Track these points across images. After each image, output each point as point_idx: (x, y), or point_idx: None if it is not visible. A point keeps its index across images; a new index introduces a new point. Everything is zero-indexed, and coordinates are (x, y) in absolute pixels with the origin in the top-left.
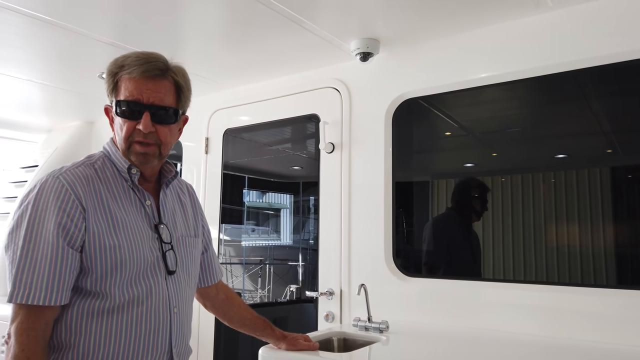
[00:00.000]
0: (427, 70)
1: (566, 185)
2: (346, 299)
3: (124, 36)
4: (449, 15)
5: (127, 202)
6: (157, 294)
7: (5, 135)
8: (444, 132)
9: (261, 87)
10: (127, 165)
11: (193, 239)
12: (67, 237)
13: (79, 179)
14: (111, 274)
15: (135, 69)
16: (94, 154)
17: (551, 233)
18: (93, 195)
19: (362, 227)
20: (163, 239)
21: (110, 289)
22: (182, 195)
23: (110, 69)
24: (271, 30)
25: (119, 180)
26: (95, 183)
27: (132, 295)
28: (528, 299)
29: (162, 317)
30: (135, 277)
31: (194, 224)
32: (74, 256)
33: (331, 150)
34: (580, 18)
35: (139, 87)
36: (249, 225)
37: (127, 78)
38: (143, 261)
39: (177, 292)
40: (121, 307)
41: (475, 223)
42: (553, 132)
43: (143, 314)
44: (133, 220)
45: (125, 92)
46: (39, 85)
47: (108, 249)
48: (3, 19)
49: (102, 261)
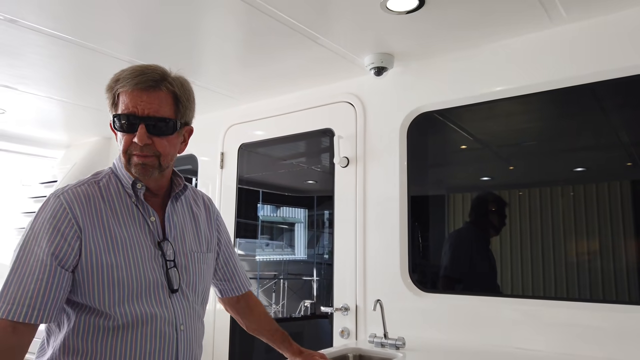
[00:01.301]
0: (441, 84)
1: (585, 199)
2: (362, 314)
3: (142, 54)
4: (462, 29)
5: (130, 220)
6: (161, 313)
7: (25, 151)
8: (460, 146)
9: (276, 102)
10: (132, 180)
11: (204, 255)
12: (59, 257)
13: (78, 198)
14: (109, 293)
15: (129, 82)
16: (101, 171)
17: (571, 248)
18: (92, 215)
19: (377, 242)
20: (167, 256)
21: (112, 308)
22: (196, 207)
23: (108, 84)
24: (286, 46)
25: (122, 197)
26: (96, 202)
27: (135, 314)
28: (548, 316)
29: (168, 335)
30: (137, 296)
31: (208, 237)
32: (63, 275)
33: (346, 165)
34: (595, 31)
35: (133, 99)
36: (263, 240)
37: (123, 91)
38: (144, 280)
39: (184, 309)
40: (125, 326)
41: (493, 238)
42: (571, 145)
43: (148, 333)
44: (135, 238)
45: (122, 106)
46: (59, 102)
47: (105, 268)
48: (26, 39)
49: (100, 280)
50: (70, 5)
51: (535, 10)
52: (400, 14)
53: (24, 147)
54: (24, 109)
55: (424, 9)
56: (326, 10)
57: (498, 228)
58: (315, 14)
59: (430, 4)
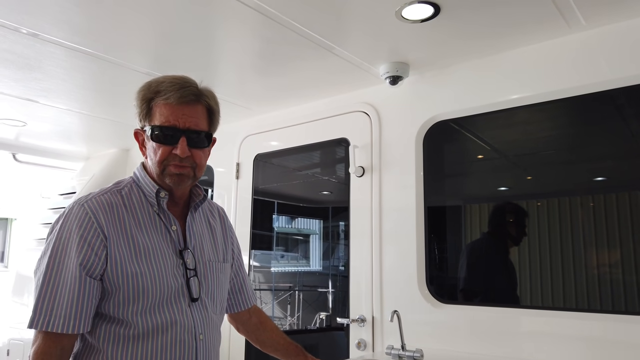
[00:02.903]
0: (457, 93)
1: (606, 210)
2: (378, 326)
3: (160, 66)
4: (478, 37)
5: (152, 229)
6: (181, 321)
7: (45, 163)
8: (477, 155)
9: (291, 113)
10: (156, 189)
11: (221, 264)
12: (88, 266)
13: (102, 206)
14: (133, 302)
15: (172, 95)
16: (123, 180)
17: (592, 259)
18: (116, 223)
19: (393, 252)
20: (187, 265)
21: (133, 317)
22: (212, 218)
23: (143, 94)
24: (301, 56)
25: (144, 206)
26: (119, 210)
27: (155, 323)
28: (568, 328)
29: (188, 344)
30: (158, 305)
31: (224, 248)
32: (93, 285)
33: (361, 174)
34: (615, 37)
35: (175, 112)
36: (278, 251)
37: (163, 104)
38: (166, 288)
39: (203, 318)
40: (145, 335)
41: (512, 249)
42: (590, 154)
43: (168, 342)
44: (157, 246)
45: (161, 118)
46: (78, 115)
47: (130, 276)
48: (47, 52)
49: (124, 289)
50: (90, 19)
51: (552, 17)
52: (415, 22)
53: (43, 159)
54: (44, 122)
55: (439, 17)
56: (341, 20)
57: (517, 238)
58: (330, 24)
59: (445, 12)
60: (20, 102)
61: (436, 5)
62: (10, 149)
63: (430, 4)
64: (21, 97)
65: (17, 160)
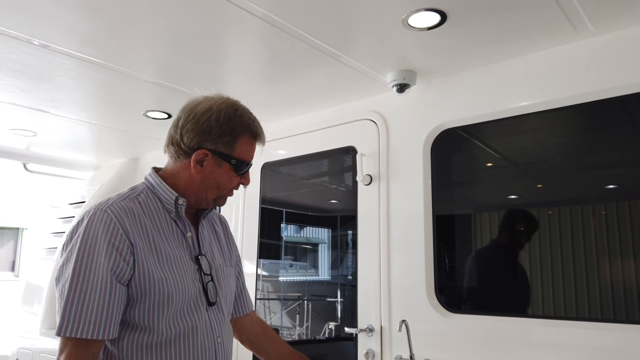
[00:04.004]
0: (465, 100)
1: (618, 218)
2: (387, 335)
3: (168, 76)
4: (485, 44)
5: (170, 235)
6: (201, 326)
7: (55, 172)
8: (485, 163)
9: (298, 121)
10: (175, 196)
11: (229, 269)
12: (117, 272)
13: (125, 212)
14: (159, 308)
15: (261, 136)
16: (137, 187)
17: (604, 268)
18: (139, 229)
19: (402, 261)
20: (203, 270)
21: (158, 323)
22: (216, 225)
23: (231, 124)
24: (308, 65)
25: (161, 213)
26: (140, 217)
27: (178, 329)
28: (581, 338)
29: (208, 348)
30: (180, 311)
31: (228, 253)
32: (122, 291)
33: (369, 182)
34: (623, 43)
35: (253, 151)
36: (286, 261)
37: (252, 143)
38: (187, 294)
39: (219, 322)
40: (168, 342)
41: (522, 258)
42: (601, 162)
43: (190, 348)
44: (176, 252)
45: (245, 153)
46: (88, 125)
47: (156, 282)
48: (58, 63)
49: (151, 295)
50: (99, 30)
51: (560, 23)
52: (422, 30)
53: (53, 168)
54: (54, 132)
55: (446, 24)
56: (348, 28)
57: (522, 243)
58: (337, 32)
59: (452, 20)
60: (31, 113)
61: (443, 12)
62: (21, 158)
63: (436, 11)
64: (32, 108)
65: (27, 169)
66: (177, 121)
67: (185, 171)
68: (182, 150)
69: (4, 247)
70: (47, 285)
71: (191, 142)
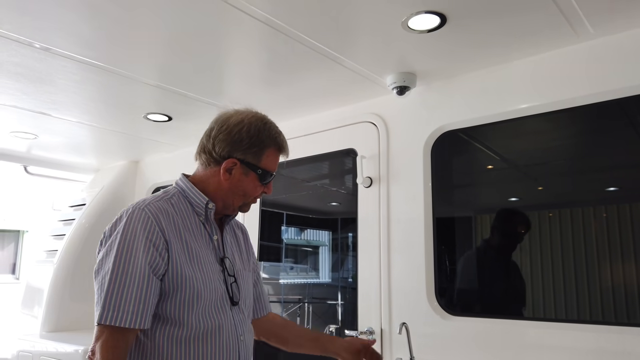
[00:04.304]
0: (465, 102)
1: (619, 220)
2: (387, 338)
3: (169, 78)
4: (485, 46)
5: (199, 236)
6: (226, 324)
7: (56, 175)
8: (486, 165)
9: (298, 123)
10: (206, 201)
11: (248, 272)
12: (153, 266)
13: (161, 212)
14: (189, 303)
15: (286, 151)
16: (169, 190)
17: (605, 271)
18: (173, 228)
19: (402, 264)
20: (228, 271)
21: (188, 318)
22: (237, 231)
23: (260, 136)
24: (309, 67)
25: (191, 216)
26: (174, 217)
27: (206, 325)
28: (583, 341)
29: (232, 345)
30: (208, 308)
31: (247, 259)
32: (156, 284)
33: (369, 185)
34: (623, 45)
35: (277, 163)
36: (287, 263)
37: (277, 155)
38: (214, 292)
39: (242, 321)
40: (196, 337)
41: (523, 260)
42: (602, 164)
43: (216, 344)
44: (204, 253)
45: (270, 164)
46: (89, 127)
47: (187, 279)
48: (58, 65)
49: (182, 290)
50: (100, 33)
51: (560, 26)
52: (422, 32)
53: (54, 171)
54: (55, 134)
55: (445, 27)
56: (348, 31)
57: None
58: (337, 35)
59: (452, 22)
60: (32, 115)
61: (442, 15)
62: (21, 161)
63: (436, 14)
64: (33, 110)
65: (28, 172)
66: (210, 131)
67: (215, 178)
68: (213, 159)
69: (4, 249)
70: (47, 287)
71: (222, 151)
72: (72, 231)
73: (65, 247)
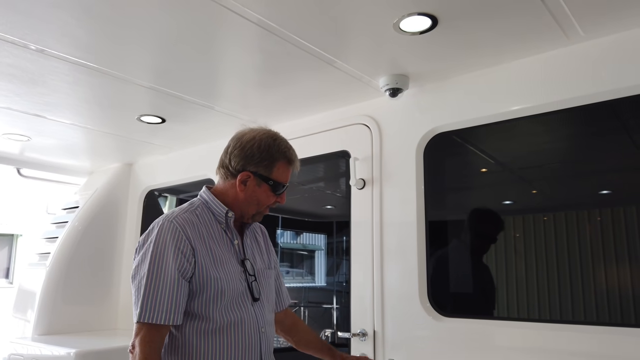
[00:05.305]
0: (457, 104)
1: (613, 224)
2: (380, 340)
3: (163, 80)
4: (477, 48)
5: (221, 242)
6: (248, 318)
7: (49, 177)
8: (479, 168)
9: (292, 126)
10: (226, 210)
11: (269, 271)
12: (182, 270)
13: (187, 223)
14: (213, 300)
15: (296, 164)
16: (194, 202)
17: (600, 274)
18: (198, 236)
19: (394, 266)
20: (248, 271)
21: (213, 313)
22: (257, 235)
23: (270, 151)
24: (302, 69)
25: (214, 224)
26: (198, 226)
27: (229, 319)
28: (577, 343)
29: (254, 336)
30: (230, 304)
31: (267, 258)
32: (185, 285)
33: (362, 187)
34: (614, 47)
35: (289, 175)
36: (283, 267)
37: (287, 167)
38: (236, 290)
39: (263, 315)
40: (221, 329)
41: (518, 264)
42: (594, 167)
43: (239, 334)
44: (227, 256)
45: (282, 177)
46: (82, 129)
47: (212, 280)
48: (51, 66)
49: (207, 289)
50: (93, 34)
51: (551, 28)
52: (414, 34)
53: (47, 174)
54: (48, 136)
55: (437, 29)
56: (340, 33)
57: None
58: (330, 37)
59: (443, 24)
60: (25, 117)
61: (434, 17)
62: (14, 163)
63: (427, 15)
64: (25, 112)
65: (21, 175)
66: (227, 148)
67: (232, 189)
68: (230, 172)
69: None
70: (39, 291)
71: (237, 165)
72: (65, 234)
73: (58, 249)
